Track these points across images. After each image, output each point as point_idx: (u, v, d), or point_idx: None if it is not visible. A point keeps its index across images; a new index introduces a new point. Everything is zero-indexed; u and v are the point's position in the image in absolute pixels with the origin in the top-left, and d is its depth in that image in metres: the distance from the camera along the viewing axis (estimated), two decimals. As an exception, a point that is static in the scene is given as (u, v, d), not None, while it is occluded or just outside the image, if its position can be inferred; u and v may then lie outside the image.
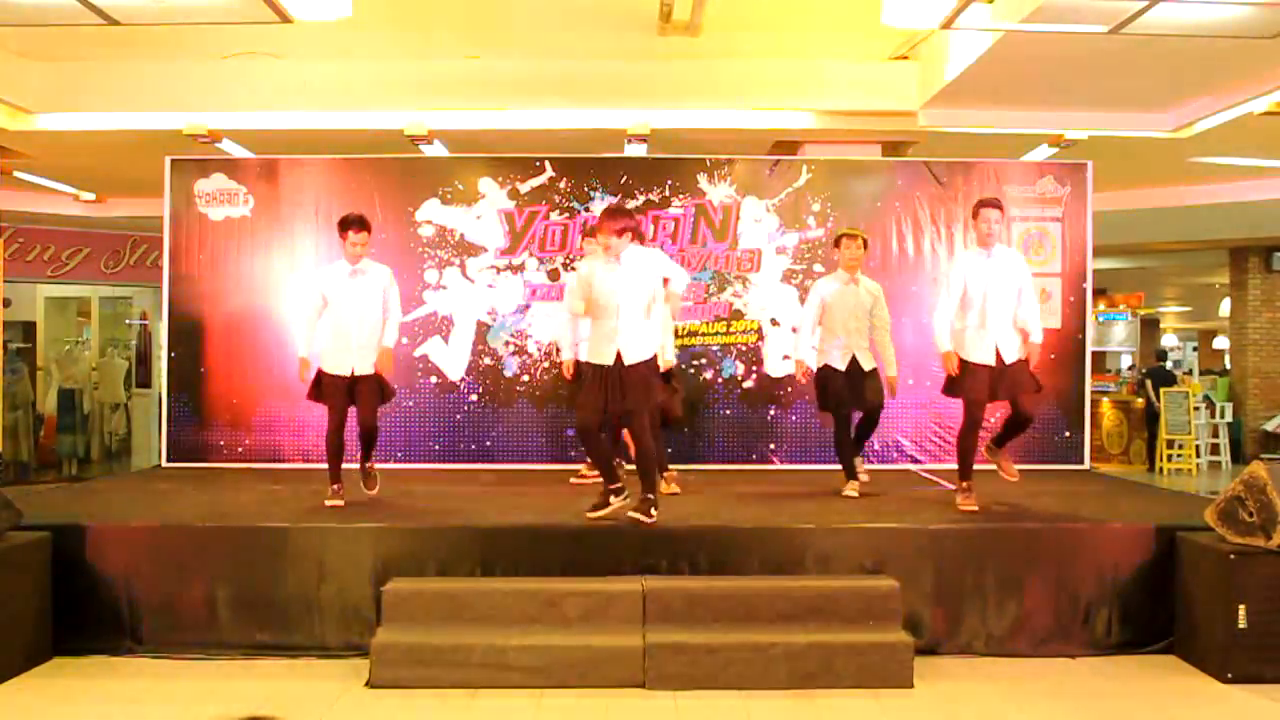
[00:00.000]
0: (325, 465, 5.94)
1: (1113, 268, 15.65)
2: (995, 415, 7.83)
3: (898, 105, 7.69)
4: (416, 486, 6.63)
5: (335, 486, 5.88)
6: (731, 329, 8.00)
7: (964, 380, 5.72)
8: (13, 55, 7.47)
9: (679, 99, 7.72)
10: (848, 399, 6.30)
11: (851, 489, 6.33)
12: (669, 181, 8.01)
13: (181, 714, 4.37)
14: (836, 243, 6.48)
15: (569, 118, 7.83)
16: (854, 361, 6.28)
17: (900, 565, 5.17)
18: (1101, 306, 16.05)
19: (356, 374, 5.83)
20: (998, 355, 5.67)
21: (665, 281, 5.57)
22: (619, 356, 5.31)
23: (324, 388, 5.88)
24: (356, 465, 6.06)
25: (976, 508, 5.74)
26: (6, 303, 10.89)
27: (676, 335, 7.19)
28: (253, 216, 8.03)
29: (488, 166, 8.09)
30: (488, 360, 7.95)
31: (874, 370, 6.33)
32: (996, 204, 5.73)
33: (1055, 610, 5.19)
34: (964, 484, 5.83)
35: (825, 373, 6.35)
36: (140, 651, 5.05)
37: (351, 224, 5.87)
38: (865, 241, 6.47)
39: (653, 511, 5.29)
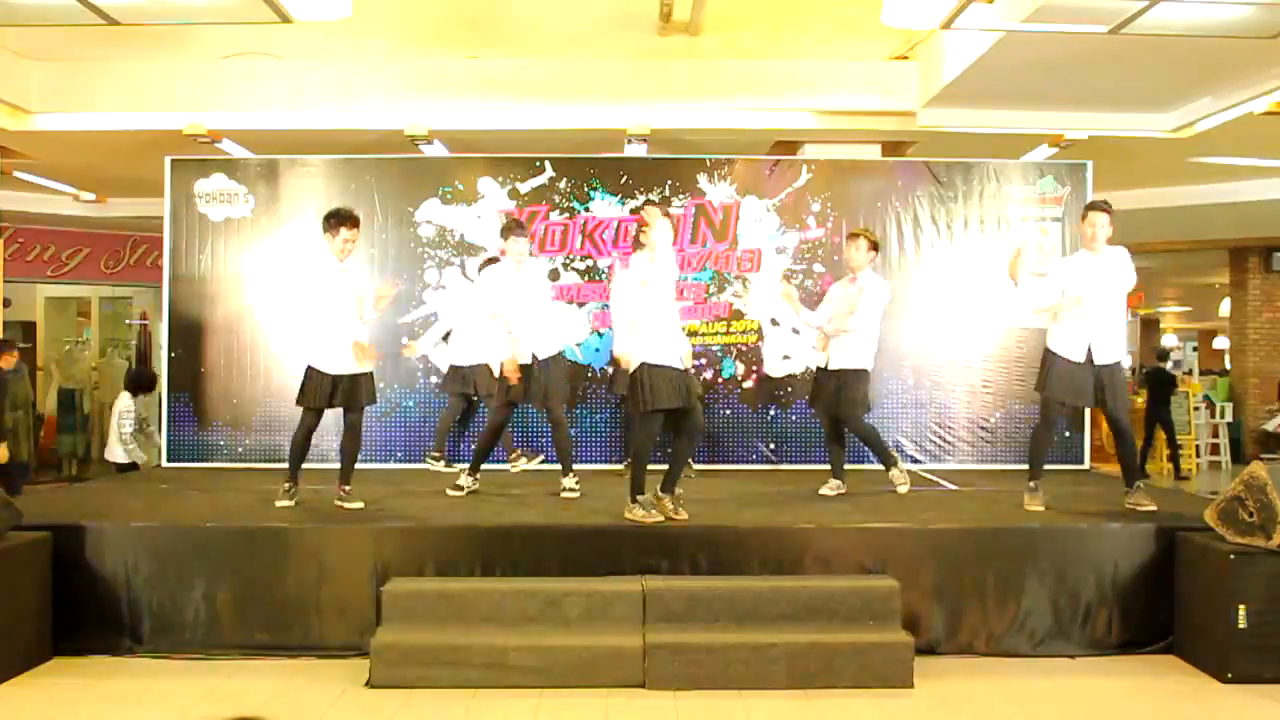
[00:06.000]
0: (324, 465, 5.92)
1: (1112, 268, 15.62)
2: (994, 418, 7.90)
3: (898, 105, 7.70)
4: (416, 486, 6.62)
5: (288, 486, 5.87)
6: (731, 329, 8.00)
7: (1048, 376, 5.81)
8: (13, 55, 7.47)
9: (679, 99, 7.73)
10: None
11: (829, 487, 6.37)
12: (669, 181, 8.01)
13: (181, 714, 4.37)
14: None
15: (569, 118, 7.83)
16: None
17: (900, 565, 5.17)
18: (1102, 306, 16.03)
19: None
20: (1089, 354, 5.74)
21: None
22: None
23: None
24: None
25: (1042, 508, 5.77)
26: (6, 303, 10.91)
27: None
28: (253, 217, 8.04)
29: (488, 166, 8.09)
30: (488, 360, 7.94)
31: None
32: (1105, 208, 5.85)
33: (1055, 610, 5.19)
34: (1031, 484, 5.88)
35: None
36: (140, 651, 5.05)
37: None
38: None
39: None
